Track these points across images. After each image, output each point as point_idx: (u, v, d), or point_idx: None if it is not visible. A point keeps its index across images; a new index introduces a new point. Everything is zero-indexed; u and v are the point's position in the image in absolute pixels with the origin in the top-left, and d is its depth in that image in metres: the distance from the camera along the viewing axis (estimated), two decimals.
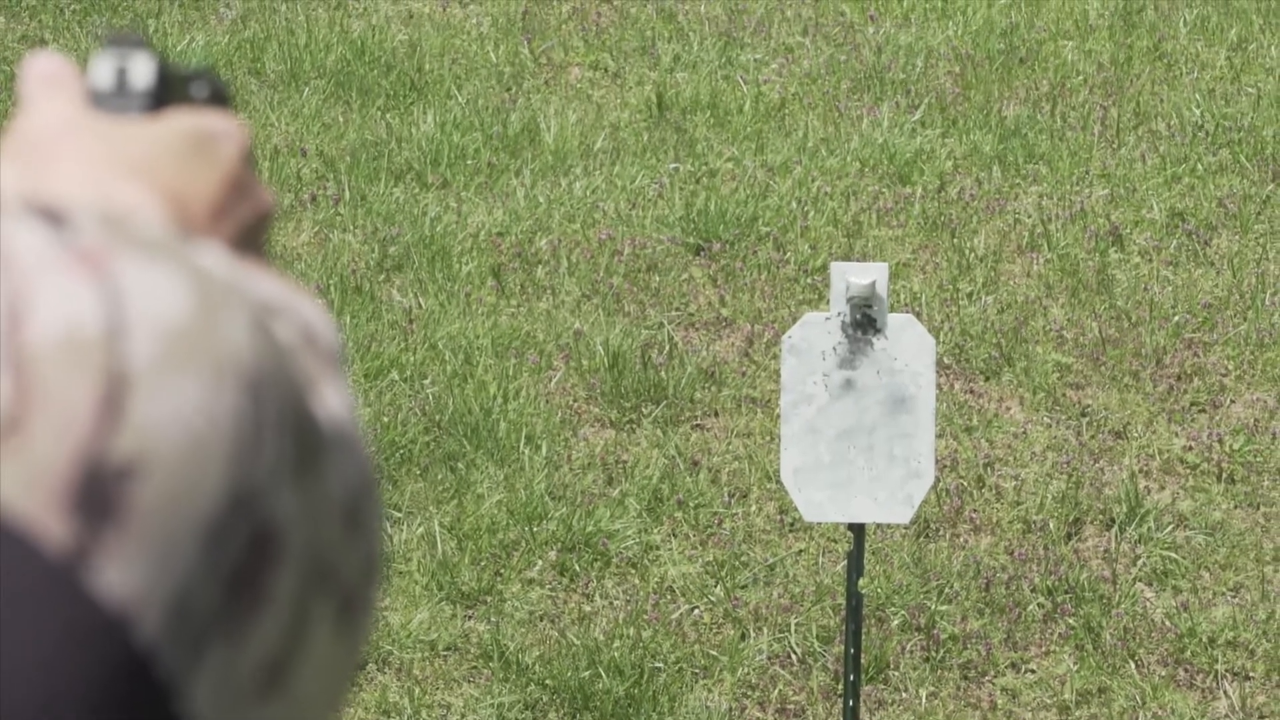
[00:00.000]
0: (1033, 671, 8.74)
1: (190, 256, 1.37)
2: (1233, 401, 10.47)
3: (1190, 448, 10.10)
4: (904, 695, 8.56)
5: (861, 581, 7.52)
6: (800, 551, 9.04)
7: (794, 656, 8.62)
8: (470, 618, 8.77)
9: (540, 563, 9.11)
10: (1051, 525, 9.53)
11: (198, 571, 1.29)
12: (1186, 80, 13.45)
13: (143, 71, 1.64)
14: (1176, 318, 10.99)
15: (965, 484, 9.72)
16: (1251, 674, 8.81)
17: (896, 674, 8.65)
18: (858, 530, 7.33)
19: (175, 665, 1.30)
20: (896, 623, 8.87)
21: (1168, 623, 9.03)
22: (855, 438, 7.21)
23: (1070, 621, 9.00)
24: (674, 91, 13.20)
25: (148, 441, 1.28)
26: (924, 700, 8.55)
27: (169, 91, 1.66)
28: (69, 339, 1.29)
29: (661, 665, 8.57)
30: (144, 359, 1.30)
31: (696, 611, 8.90)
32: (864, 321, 7.19)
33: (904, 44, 13.82)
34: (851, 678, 7.38)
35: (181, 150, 1.62)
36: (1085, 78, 13.45)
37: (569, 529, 9.28)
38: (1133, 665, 8.81)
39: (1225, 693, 8.72)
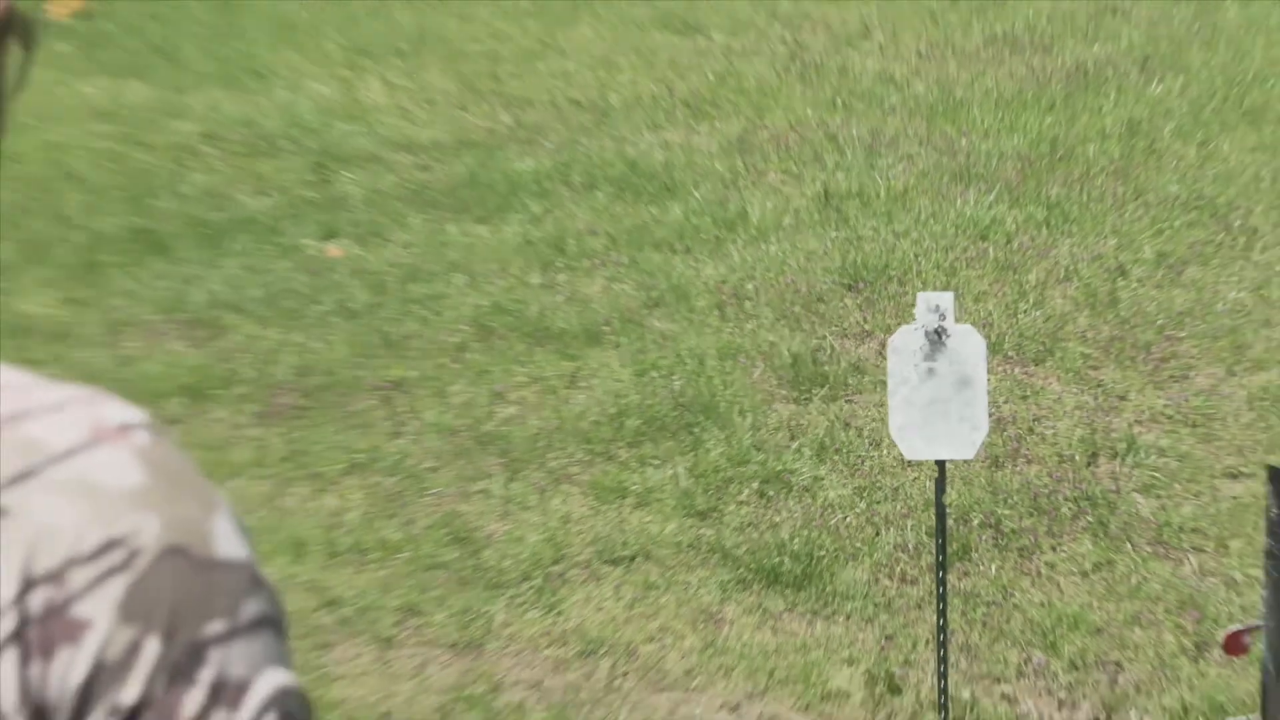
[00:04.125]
0: (1064, 551, 8.79)
1: None
2: (1196, 375, 10.48)
3: (1168, 405, 10.12)
4: (980, 568, 8.60)
5: (947, 496, 7.63)
6: (915, 479, 9.12)
7: (909, 546, 8.68)
8: (702, 527, 8.87)
9: (746, 491, 9.19)
10: (1077, 457, 9.56)
11: None
12: (1169, 168, 13.44)
13: None
14: (1160, 321, 11.02)
15: (1021, 432, 9.76)
16: (1206, 549, 8.85)
17: (976, 554, 8.69)
18: (941, 464, 7.45)
19: None
20: (976, 522, 8.91)
21: (1152, 518, 9.06)
22: (937, 406, 7.34)
23: (1089, 519, 9.03)
24: (836, 186, 13.28)
25: None
26: (993, 571, 8.59)
27: None
28: None
29: (824, 553, 8.64)
30: None
31: (848, 519, 8.99)
32: (937, 329, 7.35)
33: (984, 150, 13.83)
34: (940, 552, 7.50)
35: None
36: (1102, 168, 13.43)
37: (765, 468, 9.35)
38: (1129, 545, 8.83)
39: (1188, 561, 8.78)
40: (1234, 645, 7.22)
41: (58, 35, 17.42)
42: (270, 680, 1.43)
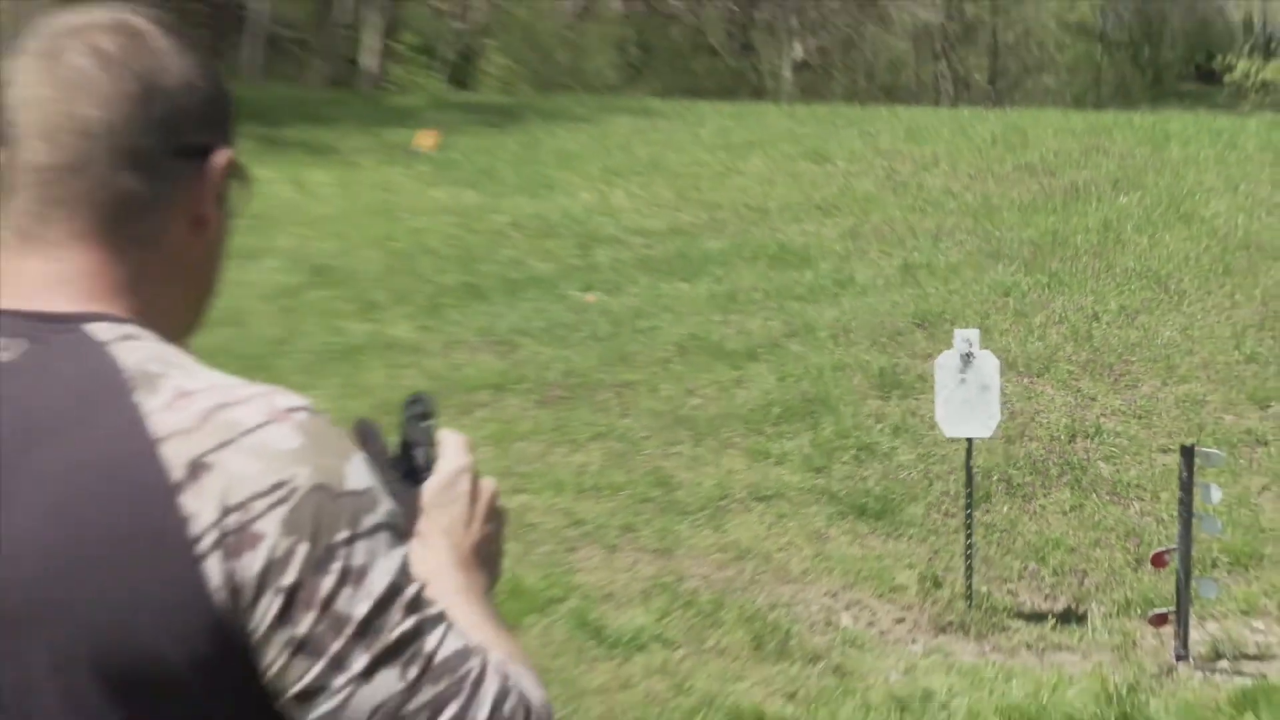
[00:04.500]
0: (1052, 498, 8.70)
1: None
2: (1142, 385, 10.33)
3: (1123, 405, 9.98)
4: (996, 508, 8.54)
5: (974, 460, 7.57)
6: (955, 449, 9.00)
7: (950, 492, 8.62)
8: (817, 478, 8.85)
9: (847, 455, 9.17)
10: (1062, 437, 9.46)
11: None
12: (1129, 251, 13.26)
13: (430, 451, 1.70)
14: (1119, 350, 10.87)
15: (1025, 420, 9.65)
16: (1144, 498, 8.73)
17: (993, 499, 8.62)
18: (969, 440, 7.40)
19: None
20: (995, 478, 8.84)
21: (1110, 477, 8.94)
22: (967, 403, 7.28)
23: (1068, 477, 8.92)
24: (912, 260, 13.20)
25: None
26: (1004, 510, 8.52)
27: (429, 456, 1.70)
28: None
29: (895, 496, 8.62)
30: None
31: (911, 474, 8.94)
32: (966, 354, 7.28)
33: (1009, 238, 13.67)
34: (969, 498, 7.44)
35: (440, 501, 1.68)
36: (1086, 250, 13.26)
37: (859, 441, 9.33)
38: (1094, 495, 8.72)
39: (1133, 506, 8.66)
40: (1159, 561, 7.12)
41: (421, 161, 17.70)
42: (383, 565, 1.45)
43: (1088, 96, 42.62)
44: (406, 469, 1.65)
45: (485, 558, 1.68)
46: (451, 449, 1.71)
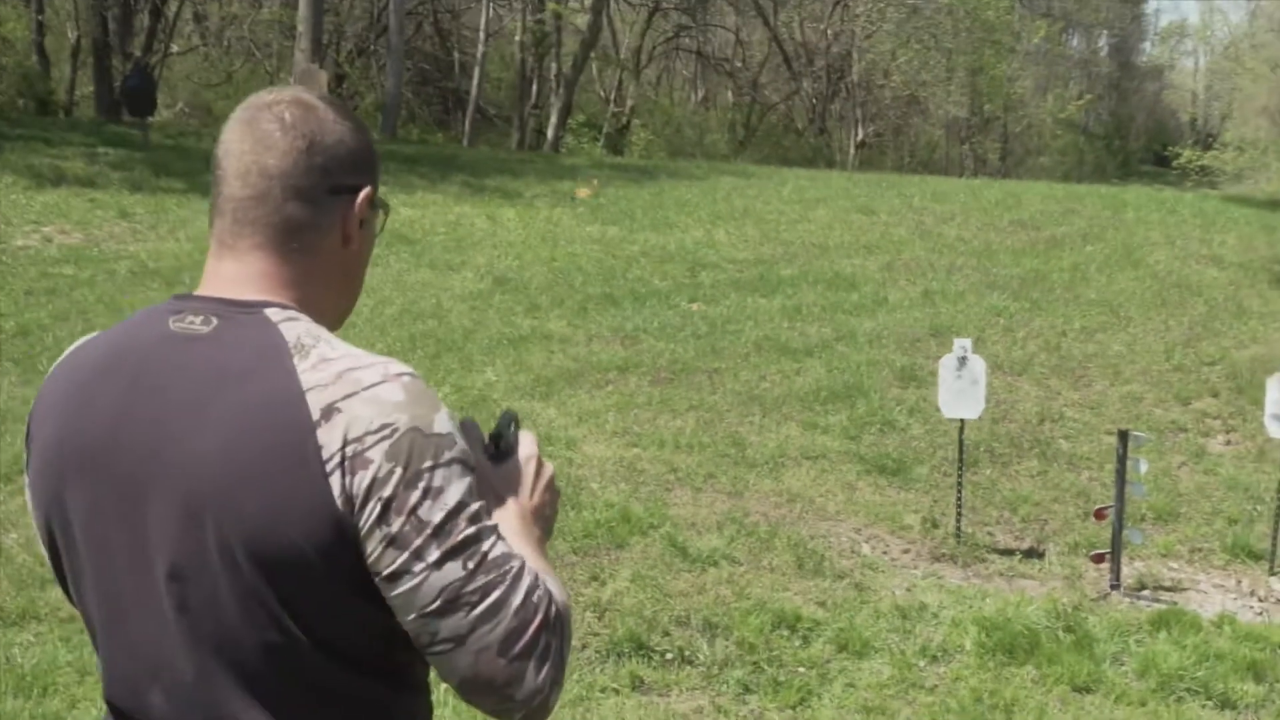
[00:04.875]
0: (1023, 466, 8.50)
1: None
2: (1095, 384, 10.07)
3: (1080, 399, 9.74)
4: (980, 471, 8.37)
5: (965, 434, 7.42)
6: (954, 425, 8.86)
7: (949, 458, 8.43)
8: (850, 444, 8.68)
9: (874, 428, 8.95)
10: (1033, 421, 9.24)
11: None
12: (1092, 286, 12.95)
13: (510, 442, 1.67)
14: (1080, 358, 10.61)
15: (1007, 408, 9.45)
16: (1092, 468, 8.47)
17: (979, 465, 8.44)
18: (962, 420, 7.26)
19: None
20: (981, 449, 8.66)
21: (1068, 451, 8.72)
22: (962, 392, 7.15)
23: (1037, 451, 8.71)
24: (930, 287, 12.98)
25: None
26: (988, 473, 8.35)
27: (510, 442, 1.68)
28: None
29: (908, 459, 8.45)
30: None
31: (920, 443, 8.78)
32: (962, 357, 7.15)
33: (1004, 274, 13.41)
34: (961, 462, 7.30)
35: (516, 480, 1.65)
36: (1060, 285, 12.96)
37: (883, 418, 9.14)
38: (1055, 464, 8.47)
39: (1084, 473, 8.42)
40: (1100, 515, 6.96)
41: (580, 205, 17.72)
42: (455, 487, 1.47)
43: (1072, 174, 41.91)
44: (493, 453, 1.68)
45: (541, 518, 1.69)
46: (525, 443, 1.73)
